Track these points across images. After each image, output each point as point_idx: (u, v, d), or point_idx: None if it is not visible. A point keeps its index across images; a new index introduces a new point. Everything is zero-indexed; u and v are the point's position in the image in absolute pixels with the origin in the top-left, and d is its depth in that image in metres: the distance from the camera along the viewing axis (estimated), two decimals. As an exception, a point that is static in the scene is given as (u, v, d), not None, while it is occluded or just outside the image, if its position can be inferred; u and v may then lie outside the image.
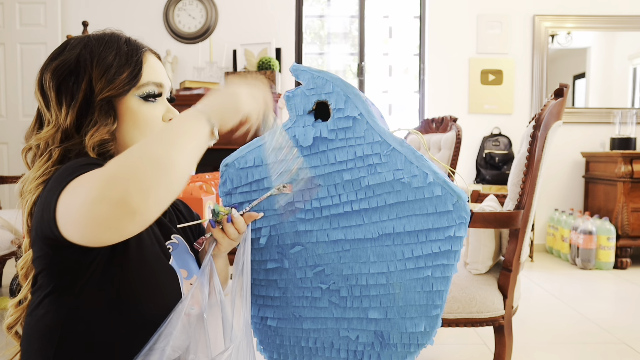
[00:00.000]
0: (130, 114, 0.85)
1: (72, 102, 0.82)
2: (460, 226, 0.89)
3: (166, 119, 0.89)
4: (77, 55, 0.84)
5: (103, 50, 0.85)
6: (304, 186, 0.94)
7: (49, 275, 0.77)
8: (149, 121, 0.86)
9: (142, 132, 0.86)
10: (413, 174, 0.90)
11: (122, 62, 0.85)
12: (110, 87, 0.82)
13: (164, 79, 0.90)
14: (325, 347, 1.01)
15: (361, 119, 0.92)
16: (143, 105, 0.86)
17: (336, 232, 0.95)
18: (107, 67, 0.83)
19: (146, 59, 0.88)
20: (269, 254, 1.01)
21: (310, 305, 1.00)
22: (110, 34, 0.88)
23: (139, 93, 0.85)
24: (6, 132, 4.02)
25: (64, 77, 0.83)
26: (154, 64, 0.90)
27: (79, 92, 0.82)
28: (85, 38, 0.87)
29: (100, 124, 0.82)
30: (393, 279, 0.94)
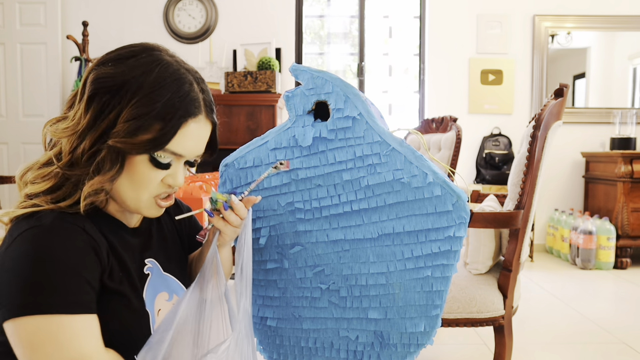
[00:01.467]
0: (132, 168, 0.77)
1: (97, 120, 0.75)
2: (460, 226, 0.89)
3: (165, 183, 0.81)
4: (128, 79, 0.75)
5: (154, 91, 0.75)
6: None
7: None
8: (147, 181, 0.79)
9: (133, 187, 0.79)
10: (413, 174, 0.90)
11: (157, 117, 0.74)
12: (127, 141, 0.74)
13: (190, 152, 0.81)
14: (325, 347, 1.01)
15: (361, 119, 0.92)
16: (148, 165, 0.78)
17: (336, 232, 0.95)
18: (141, 114, 0.74)
19: (186, 126, 0.78)
20: (269, 254, 1.01)
21: (310, 306, 1.00)
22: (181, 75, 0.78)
23: (152, 155, 0.77)
24: (6, 132, 4.02)
25: (102, 91, 0.75)
26: (191, 134, 0.79)
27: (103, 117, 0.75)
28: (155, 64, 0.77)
29: (105, 170, 0.75)
30: (393, 279, 0.94)
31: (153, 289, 0.87)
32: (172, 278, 0.93)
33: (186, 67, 0.82)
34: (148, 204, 0.82)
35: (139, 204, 0.81)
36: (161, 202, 0.83)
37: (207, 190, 1.66)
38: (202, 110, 0.80)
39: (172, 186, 0.82)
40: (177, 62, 0.81)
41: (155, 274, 0.89)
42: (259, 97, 3.55)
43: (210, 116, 0.83)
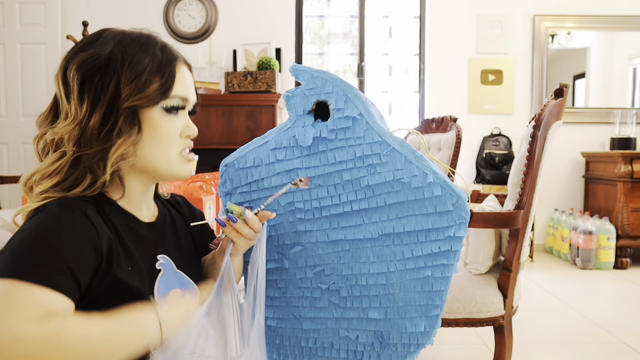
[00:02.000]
0: (151, 125, 0.80)
1: (96, 101, 0.77)
2: (460, 226, 0.89)
3: (184, 135, 0.85)
4: (110, 52, 0.78)
5: (137, 52, 0.79)
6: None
7: None
8: (169, 135, 0.82)
9: (158, 145, 0.82)
10: (413, 174, 0.90)
11: (154, 69, 0.80)
12: (140, 96, 0.78)
13: (191, 93, 0.87)
14: (325, 347, 1.01)
15: (361, 119, 0.92)
16: (165, 117, 0.81)
17: (336, 232, 0.95)
18: (139, 72, 0.78)
19: (179, 70, 0.84)
20: (269, 254, 1.01)
21: (310, 306, 1.00)
22: (147, 36, 0.83)
23: (164, 105, 0.81)
24: (6, 132, 4.02)
25: (92, 72, 0.77)
26: (185, 77, 0.85)
27: (104, 93, 0.77)
28: (121, 34, 0.81)
29: (125, 134, 0.77)
30: (393, 279, 0.94)
31: (165, 285, 0.86)
32: (186, 277, 0.92)
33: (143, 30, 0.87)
34: (179, 161, 0.85)
35: (170, 164, 0.84)
36: (188, 156, 0.87)
37: (207, 190, 1.66)
38: (179, 55, 0.86)
39: (190, 136, 0.87)
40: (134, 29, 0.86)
41: (168, 270, 0.89)
42: (259, 97, 3.55)
43: (185, 60, 0.88)
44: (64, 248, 0.69)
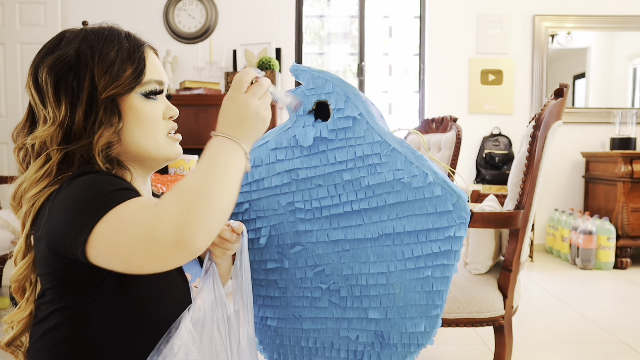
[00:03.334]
0: (133, 112, 0.82)
1: (74, 99, 0.78)
2: (460, 226, 0.89)
3: (166, 117, 0.87)
4: (77, 49, 0.80)
5: (104, 45, 0.81)
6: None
7: (60, 292, 0.76)
8: (152, 119, 0.84)
9: (145, 130, 0.83)
10: (413, 174, 0.90)
11: (125, 58, 0.81)
12: (115, 85, 0.79)
13: (164, 76, 0.89)
14: (325, 347, 1.01)
15: (361, 119, 0.92)
16: (145, 103, 0.83)
17: (336, 232, 0.95)
18: (110, 63, 0.80)
19: (148, 55, 0.86)
20: (269, 254, 1.01)
21: (310, 305, 1.00)
22: (109, 28, 0.84)
23: (142, 91, 0.83)
24: (6, 132, 4.02)
25: (63, 72, 0.79)
26: (154, 61, 0.87)
27: (81, 89, 0.78)
28: (83, 32, 0.83)
29: (106, 124, 0.79)
30: (393, 279, 0.94)
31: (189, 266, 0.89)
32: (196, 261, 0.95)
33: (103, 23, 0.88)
34: (167, 142, 0.87)
35: (159, 146, 0.85)
36: (175, 136, 0.89)
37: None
38: (144, 41, 0.87)
39: (172, 117, 0.89)
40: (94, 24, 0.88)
41: None
42: (259, 97, 3.55)
43: (151, 46, 0.89)
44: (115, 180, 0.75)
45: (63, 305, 0.75)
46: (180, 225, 0.62)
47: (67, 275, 0.74)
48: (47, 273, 0.76)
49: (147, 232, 0.62)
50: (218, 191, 0.67)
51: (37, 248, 0.77)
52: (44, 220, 0.73)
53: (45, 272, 0.76)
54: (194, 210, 0.63)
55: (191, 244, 0.62)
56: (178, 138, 0.90)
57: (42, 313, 0.78)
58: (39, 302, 0.79)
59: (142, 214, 0.65)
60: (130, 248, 0.64)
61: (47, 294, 0.77)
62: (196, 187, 0.66)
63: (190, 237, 0.62)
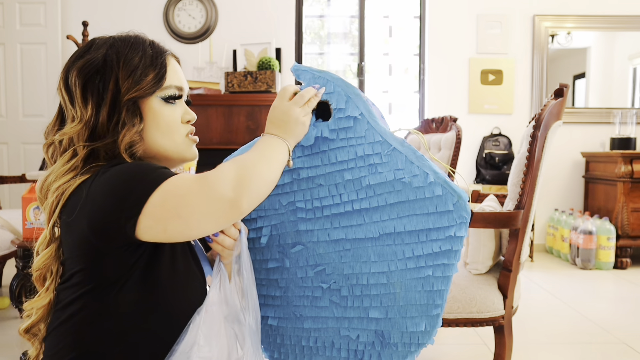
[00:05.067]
0: (153, 114, 0.88)
1: (99, 100, 0.85)
2: (461, 226, 0.89)
3: (184, 120, 0.93)
4: (104, 55, 0.86)
5: (129, 51, 0.87)
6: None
7: (88, 274, 0.79)
8: (170, 122, 0.90)
9: (164, 132, 0.89)
10: (414, 174, 0.90)
11: (147, 63, 0.87)
12: (137, 88, 0.85)
13: (184, 82, 0.94)
14: (326, 346, 1.01)
15: (362, 119, 0.92)
16: (164, 106, 0.89)
17: (337, 231, 0.95)
18: (133, 68, 0.86)
19: (169, 62, 0.91)
20: (270, 253, 1.01)
21: (311, 305, 1.00)
22: (135, 37, 0.91)
23: (162, 95, 0.89)
24: (6, 132, 4.02)
25: (91, 75, 0.85)
26: (176, 68, 0.93)
27: (106, 91, 0.85)
28: (111, 39, 0.89)
29: (129, 125, 0.85)
30: (394, 279, 0.94)
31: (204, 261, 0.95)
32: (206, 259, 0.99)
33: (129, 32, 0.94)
34: (185, 144, 0.93)
35: (177, 147, 0.92)
36: (193, 137, 0.95)
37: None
38: (166, 49, 0.94)
39: (190, 121, 0.94)
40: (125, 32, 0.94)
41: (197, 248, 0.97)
42: (259, 97, 3.55)
43: (173, 54, 0.96)
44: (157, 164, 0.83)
45: (91, 287, 0.79)
46: (237, 185, 0.75)
47: (101, 255, 0.78)
48: (79, 255, 0.80)
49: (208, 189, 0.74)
50: (266, 168, 0.82)
51: (69, 232, 0.81)
52: (81, 204, 0.78)
53: (76, 255, 0.80)
54: (247, 176, 0.77)
55: (241, 203, 0.75)
56: (195, 139, 0.95)
57: (67, 298, 0.81)
58: (62, 287, 0.83)
59: (198, 178, 0.75)
60: (190, 207, 0.74)
61: (75, 277, 0.81)
62: (250, 161, 0.80)
63: (242, 196, 0.75)
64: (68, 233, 0.81)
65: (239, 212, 0.76)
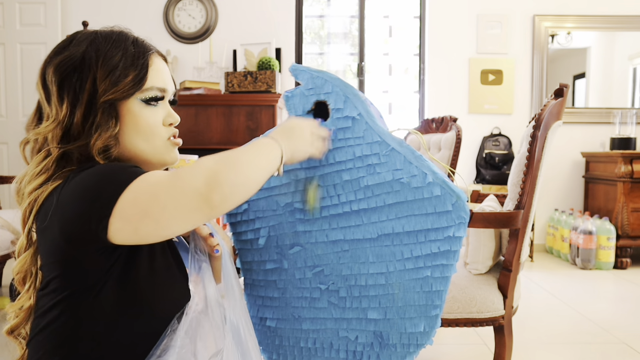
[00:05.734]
0: (132, 117, 0.84)
1: (75, 100, 0.80)
2: (460, 226, 0.89)
3: (166, 123, 0.88)
4: (83, 52, 0.82)
5: (110, 49, 0.83)
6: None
7: (65, 280, 0.77)
8: (150, 125, 0.85)
9: (143, 135, 0.85)
10: (412, 174, 0.90)
11: (128, 64, 0.83)
12: (114, 90, 0.81)
13: (168, 83, 0.89)
14: (325, 347, 1.01)
15: (360, 119, 0.92)
16: (144, 108, 0.85)
17: (335, 232, 0.95)
18: (112, 68, 0.81)
19: (152, 62, 0.87)
20: (268, 254, 1.01)
21: (310, 306, 1.00)
22: (118, 32, 0.86)
23: (142, 97, 0.84)
24: (6, 132, 4.02)
25: (68, 73, 0.81)
26: (160, 67, 0.88)
27: (82, 91, 0.80)
28: (93, 34, 0.85)
29: (103, 127, 0.81)
30: (392, 279, 0.94)
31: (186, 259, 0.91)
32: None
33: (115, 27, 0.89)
34: (165, 147, 0.88)
35: (157, 150, 0.87)
36: (175, 141, 0.90)
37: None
38: (151, 48, 0.88)
39: (173, 124, 0.89)
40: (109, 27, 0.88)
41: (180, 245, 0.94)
42: (259, 97, 3.55)
43: (159, 52, 0.90)
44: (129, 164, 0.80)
45: (68, 293, 0.76)
46: (210, 177, 0.68)
47: (76, 261, 0.75)
48: (54, 262, 0.77)
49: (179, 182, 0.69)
50: (248, 166, 0.74)
51: (43, 238, 0.78)
52: (52, 210, 0.75)
53: (51, 261, 0.77)
54: (224, 170, 0.70)
55: (212, 198, 0.68)
56: (177, 142, 0.91)
57: (45, 305, 0.78)
58: (42, 294, 0.80)
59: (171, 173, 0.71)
60: (160, 204, 0.69)
61: (52, 284, 0.78)
62: (231, 156, 0.73)
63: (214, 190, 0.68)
64: (42, 240, 0.78)
65: (209, 207, 0.68)
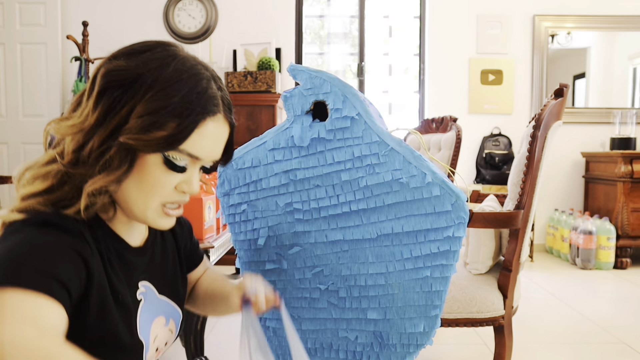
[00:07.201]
0: (144, 169, 0.71)
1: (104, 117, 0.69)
2: (459, 226, 0.89)
3: (180, 190, 0.74)
4: (142, 72, 0.69)
5: (169, 86, 0.69)
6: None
7: None
8: (159, 185, 0.72)
9: (144, 191, 0.72)
10: (411, 174, 0.89)
11: (174, 112, 0.69)
12: (139, 137, 0.68)
13: (209, 153, 0.74)
14: (324, 347, 1.01)
15: (359, 119, 0.92)
16: (161, 168, 0.71)
17: (334, 232, 0.95)
18: (154, 109, 0.68)
19: (204, 125, 0.71)
20: (267, 254, 1.00)
21: (309, 306, 1.00)
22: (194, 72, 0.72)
23: (166, 155, 0.71)
24: (6, 132, 4.02)
25: (114, 85, 0.69)
26: (210, 134, 0.73)
27: (115, 114, 0.68)
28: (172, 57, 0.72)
29: (112, 167, 0.69)
30: (392, 280, 0.94)
31: (149, 315, 0.80)
32: (167, 301, 0.86)
33: (203, 63, 0.75)
34: (156, 212, 0.74)
35: (146, 212, 0.74)
36: (170, 211, 0.76)
37: (207, 190, 1.66)
38: (220, 109, 0.74)
39: (185, 193, 0.76)
40: (194, 58, 0.75)
41: (148, 298, 0.82)
42: (259, 97, 3.55)
43: (228, 116, 0.76)
44: (55, 256, 0.64)
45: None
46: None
47: None
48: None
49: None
50: None
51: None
52: None
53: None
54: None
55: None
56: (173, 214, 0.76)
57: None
58: None
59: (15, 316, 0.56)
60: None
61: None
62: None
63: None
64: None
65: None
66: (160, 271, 0.87)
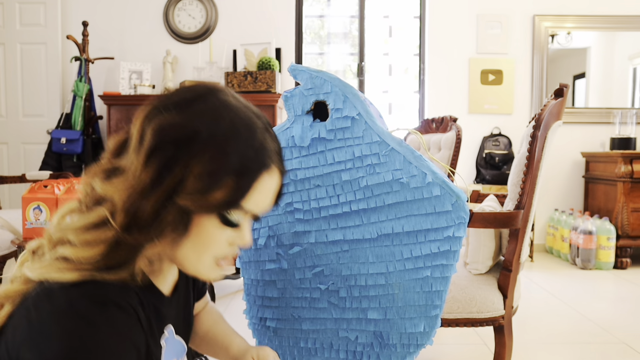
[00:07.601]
0: (199, 229, 0.68)
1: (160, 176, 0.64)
2: (459, 226, 0.89)
3: (232, 244, 0.73)
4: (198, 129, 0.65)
5: (228, 142, 0.66)
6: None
7: None
8: (213, 243, 0.70)
9: (198, 249, 0.69)
10: (412, 174, 0.90)
11: (232, 170, 0.66)
12: (198, 200, 0.65)
13: (261, 208, 0.73)
14: (325, 347, 1.01)
15: (360, 119, 0.92)
16: (216, 224, 0.69)
17: (335, 232, 0.95)
18: (212, 170, 0.64)
19: (261, 180, 0.69)
20: (268, 254, 1.00)
21: (310, 306, 1.00)
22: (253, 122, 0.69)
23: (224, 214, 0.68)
24: (6, 132, 4.02)
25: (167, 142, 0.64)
26: (267, 188, 0.71)
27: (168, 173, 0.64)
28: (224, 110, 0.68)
29: (168, 230, 0.66)
30: (392, 280, 0.94)
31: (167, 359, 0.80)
32: (180, 340, 0.84)
33: (253, 110, 0.72)
34: (209, 267, 0.72)
35: (198, 267, 0.72)
36: (222, 264, 0.74)
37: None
38: (274, 159, 0.72)
39: (238, 246, 0.74)
40: (245, 105, 0.72)
41: (169, 343, 0.80)
42: (259, 97, 3.55)
43: (280, 166, 0.74)
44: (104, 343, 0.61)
45: None
46: None
47: None
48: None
49: None
50: None
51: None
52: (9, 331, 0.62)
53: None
54: None
55: None
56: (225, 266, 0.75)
57: None
58: None
59: None
60: None
61: None
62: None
63: None
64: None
65: None
66: (181, 313, 0.85)
